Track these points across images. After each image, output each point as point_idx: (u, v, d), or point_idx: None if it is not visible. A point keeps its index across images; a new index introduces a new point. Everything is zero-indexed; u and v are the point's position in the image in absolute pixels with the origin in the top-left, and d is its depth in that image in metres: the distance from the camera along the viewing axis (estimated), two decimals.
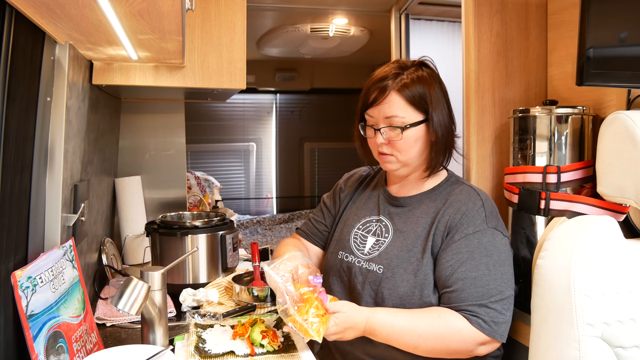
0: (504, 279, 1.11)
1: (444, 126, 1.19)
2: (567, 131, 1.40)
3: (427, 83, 1.19)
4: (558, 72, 1.63)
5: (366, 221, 1.29)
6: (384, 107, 1.17)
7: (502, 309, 1.09)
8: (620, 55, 1.16)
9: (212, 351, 1.13)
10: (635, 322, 0.95)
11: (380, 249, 1.22)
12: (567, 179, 1.36)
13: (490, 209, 1.18)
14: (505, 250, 1.15)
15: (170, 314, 1.44)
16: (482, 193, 1.22)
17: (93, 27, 1.11)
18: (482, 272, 1.10)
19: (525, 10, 1.67)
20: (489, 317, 1.08)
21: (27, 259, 1.08)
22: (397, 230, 1.23)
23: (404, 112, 1.16)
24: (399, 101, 1.17)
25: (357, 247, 1.27)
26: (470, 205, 1.17)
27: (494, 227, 1.15)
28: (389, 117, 1.17)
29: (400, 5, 2.67)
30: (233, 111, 5.27)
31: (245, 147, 5.36)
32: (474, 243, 1.12)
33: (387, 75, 1.19)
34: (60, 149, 1.21)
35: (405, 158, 1.20)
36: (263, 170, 5.42)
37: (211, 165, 5.16)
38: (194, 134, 3.62)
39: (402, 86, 1.17)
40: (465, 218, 1.15)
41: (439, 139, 1.19)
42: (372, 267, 1.21)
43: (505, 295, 1.11)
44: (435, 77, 1.23)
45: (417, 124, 1.17)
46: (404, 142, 1.18)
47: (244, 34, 1.75)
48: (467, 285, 1.09)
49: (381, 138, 1.19)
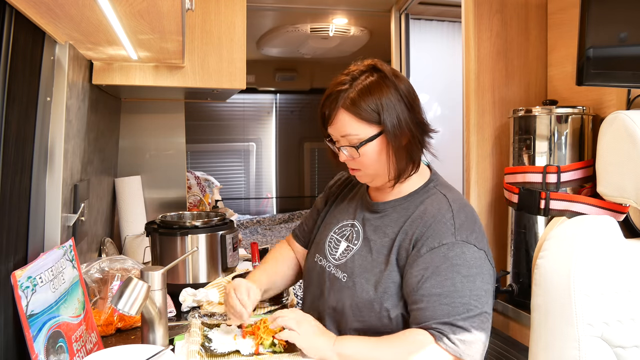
0: (472, 295, 1.02)
1: (404, 133, 1.10)
2: (567, 131, 1.40)
3: (378, 91, 1.08)
4: (558, 72, 1.63)
5: (342, 225, 1.25)
6: (337, 127, 1.11)
7: (470, 327, 1.00)
8: (620, 55, 1.16)
9: (217, 350, 1.13)
10: (634, 322, 0.95)
11: (347, 256, 1.18)
12: (567, 178, 1.36)
13: (463, 220, 1.08)
14: (478, 265, 1.05)
15: (170, 314, 1.44)
16: (457, 202, 1.12)
17: (93, 27, 1.11)
18: (447, 289, 1.02)
19: (525, 10, 1.67)
20: (454, 335, 1.00)
21: (27, 258, 1.08)
22: (366, 238, 1.17)
23: (356, 129, 1.09)
24: (348, 119, 1.09)
25: (330, 252, 1.23)
26: (439, 217, 1.08)
27: (464, 240, 1.05)
28: (344, 136, 1.11)
29: (400, 5, 2.67)
30: (233, 111, 5.27)
31: (245, 147, 5.36)
32: (440, 257, 1.04)
33: (333, 92, 1.11)
34: (60, 149, 1.21)
35: (371, 172, 1.14)
36: (263, 170, 5.42)
37: (211, 165, 5.16)
38: (194, 134, 3.62)
39: (350, 102, 1.08)
40: (432, 231, 1.07)
41: (400, 147, 1.11)
42: (338, 275, 1.17)
43: (474, 312, 1.01)
44: (388, 80, 1.10)
45: (372, 138, 1.09)
46: (365, 158, 1.11)
47: (244, 34, 1.75)
48: (432, 302, 1.02)
49: (344, 156, 1.14)
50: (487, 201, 1.66)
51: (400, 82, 1.12)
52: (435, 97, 2.81)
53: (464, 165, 1.69)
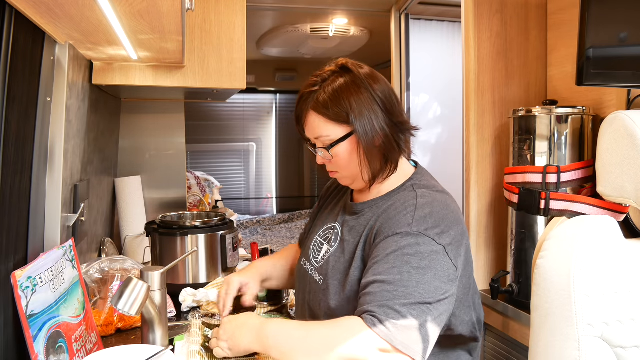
0: (418, 287, 0.95)
1: (376, 133, 1.09)
2: (567, 131, 1.40)
3: (347, 91, 1.08)
4: (558, 72, 1.63)
5: (326, 228, 1.24)
6: (309, 128, 1.12)
7: (407, 313, 0.93)
8: (620, 55, 1.16)
9: None
10: (635, 322, 0.95)
11: (325, 259, 1.17)
12: (567, 179, 1.36)
13: (426, 213, 1.04)
14: (431, 259, 0.98)
15: (170, 314, 1.44)
16: (427, 197, 1.08)
17: (93, 27, 1.11)
18: (392, 277, 0.96)
19: (525, 10, 1.67)
20: (386, 317, 0.92)
21: (27, 259, 1.08)
22: (342, 239, 1.16)
23: (327, 130, 1.09)
24: (318, 120, 1.09)
25: (313, 255, 1.22)
26: (400, 209, 1.06)
27: (421, 232, 1.01)
28: (317, 138, 1.11)
29: (400, 5, 2.67)
30: (233, 111, 5.28)
31: (245, 147, 5.36)
32: (392, 246, 1.00)
33: (303, 94, 1.12)
34: (60, 149, 1.21)
35: (347, 173, 1.14)
36: (263, 170, 5.43)
37: (211, 165, 5.16)
38: (194, 134, 3.62)
39: (318, 103, 1.08)
40: (390, 221, 1.05)
41: (373, 148, 1.09)
42: (316, 278, 1.17)
43: (416, 301, 0.94)
44: (359, 81, 1.09)
45: (342, 139, 1.09)
46: (339, 159, 1.11)
47: (244, 34, 1.75)
48: (375, 288, 0.97)
49: (320, 158, 1.15)
50: (487, 201, 1.66)
51: (374, 82, 1.10)
52: (435, 97, 2.81)
53: (464, 165, 1.69)
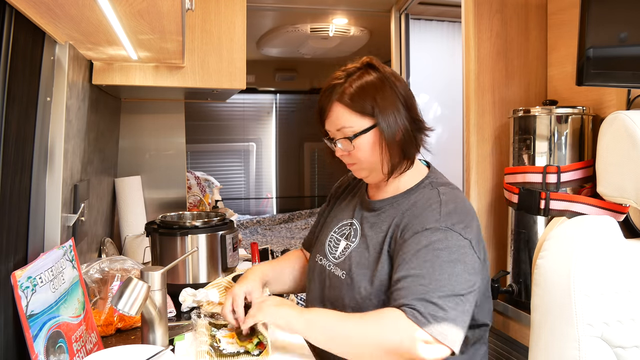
0: (451, 279, 1.01)
1: (398, 128, 1.13)
2: (567, 131, 1.40)
3: (373, 86, 1.13)
4: (558, 72, 1.63)
5: (342, 225, 1.27)
6: (332, 120, 1.15)
7: (444, 305, 0.98)
8: (620, 55, 1.16)
9: (226, 350, 1.14)
10: (635, 322, 0.95)
11: (345, 254, 1.20)
12: (567, 179, 1.36)
13: (451, 209, 1.09)
14: (460, 253, 1.04)
15: (170, 314, 1.44)
16: (449, 194, 1.13)
17: (93, 27, 1.11)
18: (426, 270, 1.01)
19: (525, 10, 1.67)
20: (426, 310, 0.98)
21: (27, 259, 1.08)
22: (364, 235, 1.19)
23: (350, 121, 1.13)
24: (343, 111, 1.13)
25: (330, 251, 1.25)
26: (426, 206, 1.11)
27: (449, 227, 1.06)
28: (339, 129, 1.14)
29: (400, 5, 2.67)
30: (233, 111, 5.28)
31: (245, 147, 5.36)
32: (423, 241, 1.05)
33: (330, 86, 1.15)
34: (60, 149, 1.21)
35: (367, 165, 1.17)
36: (263, 170, 5.43)
37: (211, 165, 5.16)
38: (194, 134, 3.62)
39: (344, 95, 1.12)
40: (417, 218, 1.09)
41: (394, 142, 1.13)
42: (337, 273, 1.19)
43: (451, 292, 1.00)
44: (383, 77, 1.14)
45: (365, 130, 1.12)
46: (360, 151, 1.14)
47: (244, 34, 1.75)
48: (409, 283, 1.02)
49: (339, 150, 1.17)
50: (487, 201, 1.66)
51: (396, 79, 1.16)
52: (435, 97, 2.81)
53: (464, 165, 1.69)
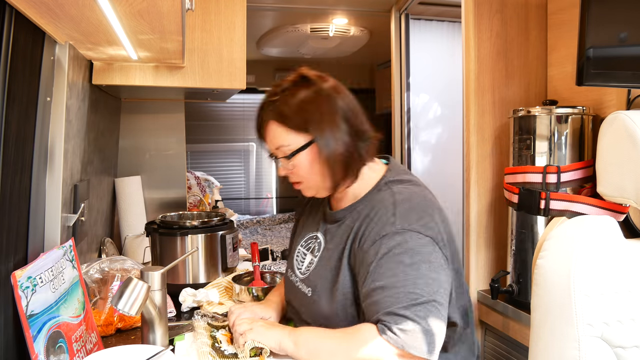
0: (418, 283, 0.97)
1: (337, 143, 1.08)
2: (567, 131, 1.40)
3: (307, 101, 1.08)
4: (558, 72, 1.63)
5: (308, 237, 1.24)
6: (270, 139, 1.12)
7: (413, 316, 0.95)
8: (620, 55, 1.16)
9: (227, 351, 1.14)
10: (635, 322, 0.95)
11: (310, 269, 1.18)
12: (567, 179, 1.36)
13: (406, 208, 1.05)
14: (422, 252, 1.00)
15: (170, 314, 1.44)
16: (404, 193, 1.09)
17: (93, 27, 1.11)
18: (389, 280, 0.98)
19: (525, 10, 1.67)
20: (395, 325, 0.95)
21: (27, 259, 1.08)
22: (326, 248, 1.16)
23: (287, 139, 1.09)
24: (278, 129, 1.10)
25: (297, 265, 1.23)
26: (381, 210, 1.06)
27: (406, 228, 1.02)
28: (277, 148, 1.11)
29: (400, 5, 2.67)
30: (233, 111, 5.27)
31: (245, 147, 5.36)
32: (382, 249, 1.01)
33: (264, 104, 1.13)
34: (60, 149, 1.21)
35: (311, 183, 1.14)
36: (263, 170, 5.42)
37: (211, 165, 5.16)
38: (194, 134, 3.62)
39: (278, 113, 1.09)
40: (373, 224, 1.05)
41: (334, 156, 1.09)
42: (304, 289, 1.17)
43: (418, 300, 0.96)
44: (319, 90, 1.10)
45: (302, 148, 1.09)
46: (300, 169, 1.11)
47: (244, 34, 1.75)
48: (376, 296, 0.99)
49: (282, 169, 1.15)
50: (487, 201, 1.66)
51: (334, 92, 1.11)
52: (435, 97, 2.81)
53: (464, 165, 1.69)
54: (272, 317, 1.27)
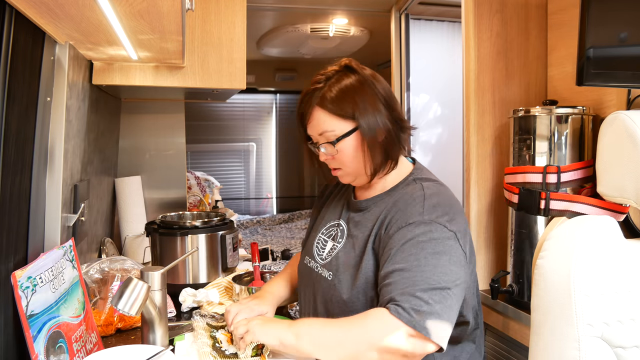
0: (436, 271, 0.99)
1: (380, 129, 1.12)
2: (567, 131, 1.40)
3: (352, 89, 1.12)
4: (558, 72, 1.63)
5: (330, 226, 1.26)
6: (314, 125, 1.14)
7: (428, 299, 0.96)
8: (620, 55, 1.16)
9: (228, 351, 1.14)
10: (635, 322, 0.95)
11: (332, 255, 1.19)
12: (567, 179, 1.36)
13: (434, 203, 1.08)
14: (445, 244, 1.03)
15: (170, 314, 1.44)
16: (432, 188, 1.13)
17: (93, 27, 1.11)
18: (410, 264, 1.00)
19: (525, 10, 1.67)
20: (409, 305, 0.96)
21: (27, 259, 1.08)
22: (350, 235, 1.19)
23: (332, 125, 1.12)
24: (324, 116, 1.12)
25: (318, 252, 1.24)
26: (410, 201, 1.10)
27: (433, 220, 1.05)
28: (321, 134, 1.13)
29: (400, 5, 2.67)
30: (233, 111, 5.27)
31: (245, 147, 5.36)
32: (407, 235, 1.04)
33: (309, 91, 1.15)
34: (60, 149, 1.21)
35: (351, 169, 1.16)
36: (263, 170, 5.42)
37: (211, 165, 5.16)
38: (194, 134, 3.62)
39: (324, 99, 1.12)
40: (401, 213, 1.09)
41: (376, 143, 1.13)
42: (324, 274, 1.18)
43: (435, 286, 0.98)
44: (362, 79, 1.14)
45: (348, 134, 1.12)
46: (343, 155, 1.14)
47: (244, 34, 1.75)
48: (394, 278, 1.01)
49: (323, 155, 1.16)
50: (487, 201, 1.66)
51: (376, 81, 1.16)
52: (435, 97, 2.81)
53: (464, 165, 1.69)
54: (268, 312, 1.27)
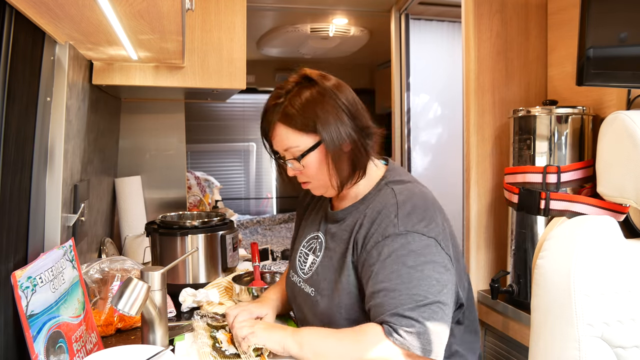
0: (421, 285, 0.99)
1: (344, 140, 1.09)
2: (567, 131, 1.40)
3: (313, 101, 1.09)
4: (558, 72, 1.63)
5: (310, 238, 1.25)
6: (277, 141, 1.13)
7: (419, 317, 0.97)
8: (620, 55, 1.16)
9: (228, 351, 1.14)
10: (635, 322, 0.95)
11: (312, 269, 1.19)
12: (567, 179, 1.36)
13: (408, 210, 1.06)
14: (426, 253, 1.02)
15: (170, 314, 1.44)
16: (405, 193, 1.10)
17: (93, 27, 1.11)
18: (394, 282, 1.00)
19: (525, 10, 1.67)
20: (399, 326, 0.97)
21: (27, 259, 1.08)
22: (327, 247, 1.18)
23: (295, 141, 1.10)
24: (286, 132, 1.10)
25: (300, 266, 1.23)
26: (383, 211, 1.07)
27: (409, 230, 1.03)
28: (286, 150, 1.12)
29: (400, 5, 2.67)
30: (233, 111, 5.28)
31: (245, 147, 5.36)
32: (385, 251, 1.03)
33: (269, 107, 1.13)
34: (60, 149, 1.21)
35: (319, 183, 1.14)
36: (263, 170, 5.42)
37: (211, 165, 5.16)
38: (194, 134, 3.62)
39: (285, 115, 1.09)
40: (376, 226, 1.06)
41: (342, 155, 1.10)
42: (307, 290, 1.18)
43: (423, 302, 0.98)
44: (322, 90, 1.10)
45: (311, 149, 1.09)
46: (309, 169, 1.12)
47: (244, 34, 1.75)
48: (381, 298, 1.00)
49: (291, 170, 1.15)
50: (487, 201, 1.66)
51: (338, 91, 1.12)
52: (435, 97, 2.81)
53: (464, 165, 1.69)
54: (268, 314, 1.27)
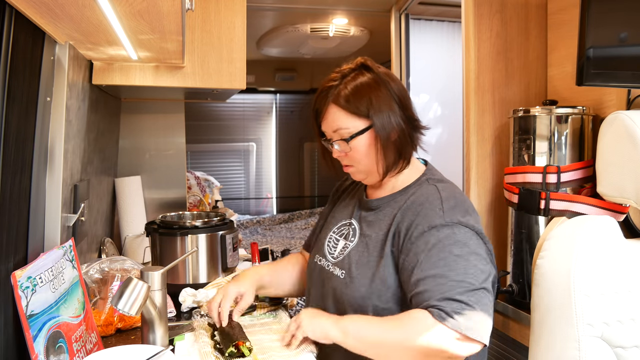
0: (468, 272, 1.02)
1: (393, 128, 1.14)
2: (567, 131, 1.40)
3: (368, 87, 1.14)
4: (558, 72, 1.63)
5: (341, 225, 1.28)
6: (328, 121, 1.16)
7: (468, 301, 0.99)
8: (620, 55, 1.16)
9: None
10: (635, 322, 0.95)
11: (344, 254, 1.20)
12: (567, 179, 1.36)
13: (452, 204, 1.10)
14: (470, 244, 1.05)
15: (170, 314, 1.44)
16: (447, 190, 1.14)
17: (93, 27, 1.11)
18: (441, 269, 1.02)
19: (525, 10, 1.67)
20: (451, 308, 0.98)
21: (27, 259, 1.08)
22: (362, 234, 1.20)
23: (346, 122, 1.13)
24: (338, 113, 1.14)
25: (329, 251, 1.25)
26: (427, 204, 1.11)
27: (455, 222, 1.07)
28: (335, 131, 1.15)
29: (400, 5, 2.67)
30: (233, 111, 5.28)
31: (245, 147, 5.36)
32: (431, 240, 1.05)
33: (325, 88, 1.17)
34: (60, 149, 1.21)
35: (363, 167, 1.17)
36: (263, 170, 5.43)
37: (211, 165, 5.16)
38: (194, 134, 3.62)
39: (339, 96, 1.13)
40: (421, 217, 1.09)
41: (389, 142, 1.14)
42: (336, 272, 1.19)
43: (470, 287, 1.00)
44: (377, 78, 1.15)
45: (361, 132, 1.13)
46: (356, 152, 1.15)
47: (244, 34, 1.75)
48: (428, 285, 1.02)
49: (336, 151, 1.18)
50: (487, 201, 1.66)
51: (391, 80, 1.17)
52: (435, 97, 2.81)
53: (464, 165, 1.69)
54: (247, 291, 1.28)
